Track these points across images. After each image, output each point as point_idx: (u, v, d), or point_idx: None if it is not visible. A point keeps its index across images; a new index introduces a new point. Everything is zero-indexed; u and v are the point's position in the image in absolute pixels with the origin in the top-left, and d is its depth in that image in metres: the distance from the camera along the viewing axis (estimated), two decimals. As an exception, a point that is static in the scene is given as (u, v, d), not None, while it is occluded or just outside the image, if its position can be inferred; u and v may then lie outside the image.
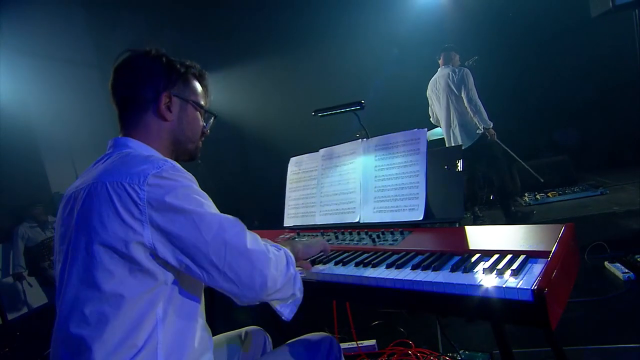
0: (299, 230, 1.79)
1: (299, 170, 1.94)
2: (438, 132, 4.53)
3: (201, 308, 1.02)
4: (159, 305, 0.89)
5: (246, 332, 1.38)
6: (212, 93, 1.21)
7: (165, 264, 0.89)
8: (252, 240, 0.95)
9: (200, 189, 0.94)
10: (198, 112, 1.13)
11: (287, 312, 1.08)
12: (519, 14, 5.40)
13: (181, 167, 0.94)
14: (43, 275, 4.65)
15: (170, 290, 0.91)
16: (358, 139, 1.76)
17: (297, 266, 1.23)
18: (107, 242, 0.84)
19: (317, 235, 1.63)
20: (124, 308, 0.85)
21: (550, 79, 5.54)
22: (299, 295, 1.08)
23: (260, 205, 6.43)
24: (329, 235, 1.60)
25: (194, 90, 1.13)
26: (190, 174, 0.95)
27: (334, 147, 1.83)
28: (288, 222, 1.91)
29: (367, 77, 5.91)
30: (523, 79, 5.59)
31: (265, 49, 6.06)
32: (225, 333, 1.38)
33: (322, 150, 1.87)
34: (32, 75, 4.59)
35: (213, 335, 1.31)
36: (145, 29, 5.76)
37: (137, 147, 1.02)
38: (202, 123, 1.16)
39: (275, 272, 0.97)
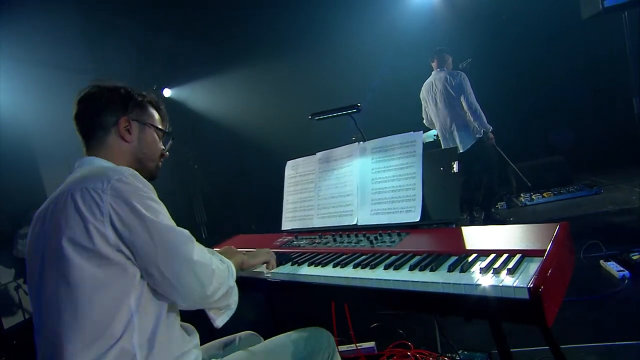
0: (297, 233, 1.80)
1: (296, 173, 1.95)
2: (433, 134, 4.56)
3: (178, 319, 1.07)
4: (131, 296, 0.93)
5: (240, 337, 1.39)
6: (168, 116, 1.34)
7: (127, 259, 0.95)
8: (199, 252, 1.02)
9: (158, 198, 1.02)
10: (156, 135, 1.25)
11: (219, 320, 1.13)
12: (512, 16, 5.46)
13: (141, 176, 1.02)
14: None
15: (140, 282, 0.96)
16: (354, 142, 1.77)
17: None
18: (74, 238, 0.91)
19: (315, 238, 1.64)
20: (97, 301, 0.90)
21: (544, 80, 5.60)
22: (233, 306, 1.16)
23: (257, 209, 6.43)
24: (327, 237, 1.61)
25: (151, 115, 1.25)
26: (149, 184, 1.03)
27: (330, 150, 1.84)
28: (286, 225, 1.92)
29: (364, 80, 5.95)
30: (517, 80, 5.65)
31: (261, 53, 6.09)
32: (220, 339, 1.39)
33: (319, 154, 1.88)
34: (27, 81, 4.57)
35: (208, 341, 1.34)
36: (141, 34, 5.76)
37: (101, 162, 1.12)
38: (160, 145, 1.27)
39: (216, 284, 1.04)
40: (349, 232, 1.58)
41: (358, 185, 1.67)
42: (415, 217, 1.46)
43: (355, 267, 1.22)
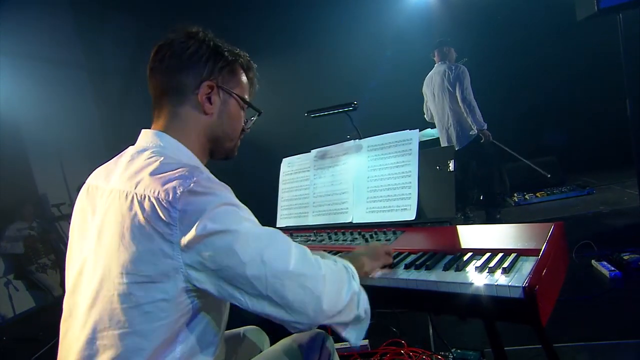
0: (292, 230, 1.79)
1: (291, 170, 1.95)
2: (429, 133, 4.55)
3: (222, 333, 0.97)
4: (179, 331, 0.82)
5: (244, 332, 1.36)
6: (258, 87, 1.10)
7: (195, 294, 0.81)
8: (299, 255, 0.83)
9: (236, 198, 0.84)
10: (240, 108, 1.02)
11: (353, 337, 0.93)
12: (508, 17, 5.48)
13: (215, 178, 0.84)
14: (29, 278, 4.57)
15: (193, 317, 0.84)
16: (349, 140, 1.77)
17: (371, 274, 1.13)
18: (134, 264, 0.77)
19: (310, 236, 1.64)
20: (141, 335, 0.78)
21: (538, 81, 5.63)
22: (365, 316, 0.94)
23: (251, 205, 6.39)
24: (322, 235, 1.61)
25: (240, 82, 1.01)
26: (225, 185, 0.85)
27: (326, 147, 1.84)
28: (281, 222, 1.91)
29: (361, 78, 5.94)
30: (511, 80, 5.66)
31: (256, 50, 6.02)
32: (224, 331, 1.36)
33: (314, 151, 1.87)
34: (19, 75, 4.52)
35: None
36: (134, 29, 5.69)
37: (171, 146, 0.92)
38: (243, 120, 1.05)
39: (332, 291, 0.84)
40: (344, 230, 1.58)
41: (354, 183, 1.67)
42: (410, 215, 1.46)
43: (350, 265, 1.22)
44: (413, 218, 1.45)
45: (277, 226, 1.91)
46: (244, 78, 1.03)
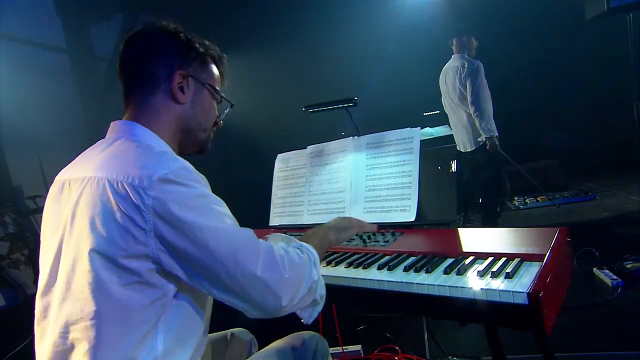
0: (286, 229, 1.74)
1: (286, 167, 1.89)
2: (428, 132, 4.44)
3: (206, 323, 0.95)
4: (158, 320, 0.80)
5: (232, 334, 1.32)
6: (229, 80, 1.10)
7: (167, 276, 0.80)
8: (268, 257, 0.84)
9: (212, 192, 0.85)
10: (213, 99, 1.03)
11: (305, 315, 0.98)
12: (514, 14, 5.40)
13: (193, 168, 0.84)
14: (0, 275, 4.39)
15: (171, 303, 0.82)
16: (344, 137, 1.71)
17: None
18: (103, 250, 0.76)
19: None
20: (116, 323, 0.77)
21: (543, 81, 5.55)
22: (320, 301, 0.98)
23: (244, 203, 6.32)
24: (317, 235, 1.56)
25: (211, 74, 1.02)
26: (203, 177, 0.85)
27: (323, 144, 1.78)
28: (274, 221, 1.86)
29: (361, 74, 5.85)
30: (516, 80, 5.58)
31: (252, 41, 5.92)
32: (210, 334, 1.32)
33: (310, 147, 1.82)
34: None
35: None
36: (120, 12, 5.49)
37: (143, 134, 0.91)
38: (216, 112, 1.06)
39: (293, 289, 0.87)
40: (341, 230, 1.52)
41: (351, 181, 1.62)
42: (410, 216, 1.41)
43: (347, 266, 1.18)
44: (413, 219, 1.40)
45: (270, 224, 1.86)
46: (215, 70, 1.04)
